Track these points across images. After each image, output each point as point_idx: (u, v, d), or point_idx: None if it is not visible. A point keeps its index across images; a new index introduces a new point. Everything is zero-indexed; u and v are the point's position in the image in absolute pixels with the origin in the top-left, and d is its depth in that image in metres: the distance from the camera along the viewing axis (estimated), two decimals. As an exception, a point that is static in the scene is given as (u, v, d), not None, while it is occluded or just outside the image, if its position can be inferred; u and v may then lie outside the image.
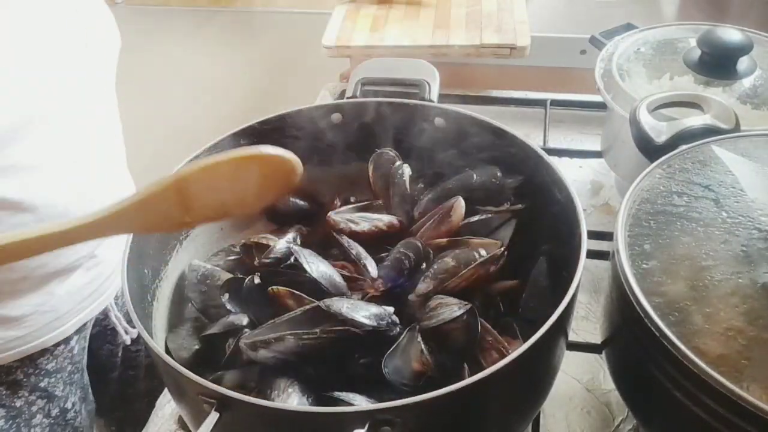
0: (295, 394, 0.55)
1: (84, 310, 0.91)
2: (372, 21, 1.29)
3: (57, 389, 0.92)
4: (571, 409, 0.74)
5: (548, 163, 0.67)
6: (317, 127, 0.79)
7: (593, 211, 0.99)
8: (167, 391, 0.73)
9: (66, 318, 0.88)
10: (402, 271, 0.65)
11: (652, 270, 0.54)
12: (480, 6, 1.30)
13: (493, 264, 0.64)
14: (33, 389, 0.89)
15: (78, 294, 0.89)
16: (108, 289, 0.94)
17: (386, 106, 0.78)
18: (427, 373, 0.55)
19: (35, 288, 0.82)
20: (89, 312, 0.92)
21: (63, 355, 0.92)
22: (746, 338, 0.49)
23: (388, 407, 0.45)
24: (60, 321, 0.87)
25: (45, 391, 0.90)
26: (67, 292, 0.87)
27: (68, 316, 0.88)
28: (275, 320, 0.60)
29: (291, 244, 0.69)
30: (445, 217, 0.71)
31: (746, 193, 0.60)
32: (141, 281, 0.64)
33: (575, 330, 0.81)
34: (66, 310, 0.88)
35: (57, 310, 0.86)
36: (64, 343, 0.91)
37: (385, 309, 0.59)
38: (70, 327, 0.89)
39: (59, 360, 0.91)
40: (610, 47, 0.95)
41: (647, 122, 0.70)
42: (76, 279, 0.87)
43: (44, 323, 0.85)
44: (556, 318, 0.51)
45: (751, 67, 0.85)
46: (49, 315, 0.85)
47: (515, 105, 1.20)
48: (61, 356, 0.92)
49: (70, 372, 0.94)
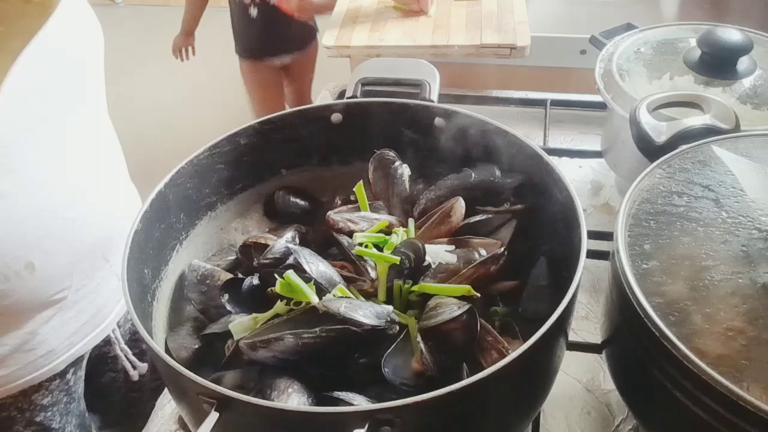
0: (295, 394, 0.54)
1: (76, 345, 0.87)
2: (372, 21, 1.29)
3: (53, 422, 0.90)
4: (571, 409, 0.74)
5: (548, 163, 0.67)
6: (317, 127, 0.79)
7: (593, 211, 0.99)
8: (167, 391, 0.73)
9: (56, 354, 0.85)
10: (402, 270, 0.65)
11: (652, 270, 0.54)
12: (480, 6, 1.30)
13: (494, 264, 0.64)
14: (28, 424, 0.87)
15: (65, 329, 0.85)
16: (104, 320, 0.91)
17: (386, 106, 0.78)
18: (426, 373, 0.55)
19: (13, 327, 0.79)
20: (82, 347, 0.89)
21: (58, 389, 0.89)
22: (746, 338, 0.49)
23: (388, 407, 0.45)
24: (48, 358, 0.84)
25: (41, 425, 0.88)
26: (53, 328, 0.83)
27: (58, 352, 0.85)
28: (275, 320, 0.60)
29: (290, 244, 0.69)
30: (445, 217, 0.71)
31: (746, 193, 0.60)
32: (141, 281, 0.64)
33: (575, 330, 0.81)
34: (54, 346, 0.84)
35: (44, 347, 0.83)
36: (59, 377, 0.88)
37: (384, 307, 0.59)
38: (61, 363, 0.86)
39: (54, 394, 0.89)
40: (610, 47, 0.95)
41: (647, 122, 0.70)
42: (63, 315, 0.83)
43: (30, 361, 0.82)
44: (556, 318, 0.51)
45: (751, 67, 0.85)
46: (35, 353, 0.82)
47: (515, 105, 1.20)
48: (57, 390, 0.89)
49: (66, 403, 0.91)
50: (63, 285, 0.82)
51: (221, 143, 0.74)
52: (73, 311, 0.85)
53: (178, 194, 0.71)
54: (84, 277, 0.85)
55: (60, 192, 0.78)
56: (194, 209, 0.75)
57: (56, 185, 0.78)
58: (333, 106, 0.79)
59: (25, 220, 0.74)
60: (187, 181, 0.72)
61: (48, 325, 0.82)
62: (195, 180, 0.73)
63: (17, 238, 0.74)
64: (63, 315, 0.84)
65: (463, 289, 0.61)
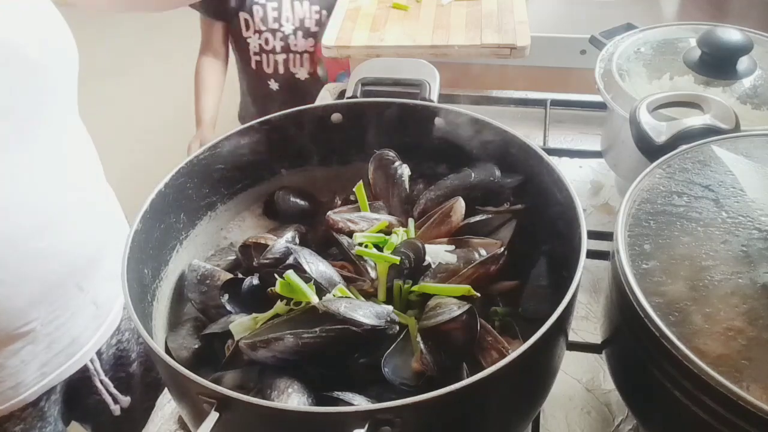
0: (295, 394, 0.54)
1: (48, 376, 0.83)
2: (372, 21, 1.29)
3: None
4: (571, 409, 0.74)
5: (548, 163, 0.67)
6: (317, 127, 0.79)
7: (593, 211, 0.99)
8: (167, 391, 0.73)
9: (26, 386, 0.82)
10: (402, 270, 0.65)
11: (652, 270, 0.54)
12: (480, 6, 1.30)
13: (494, 263, 0.64)
14: None
15: (36, 361, 0.81)
16: (80, 349, 0.87)
17: (386, 106, 0.78)
18: (426, 373, 0.55)
19: None
20: (55, 377, 0.85)
21: (32, 416, 0.86)
22: (746, 338, 0.49)
23: (388, 407, 0.45)
24: (18, 390, 0.81)
25: None
26: (22, 361, 0.79)
27: (29, 383, 0.82)
28: (275, 320, 0.60)
29: (290, 244, 0.69)
30: (445, 217, 0.71)
31: (746, 193, 0.60)
32: (141, 281, 0.64)
33: (575, 330, 0.81)
34: (23, 378, 0.80)
35: (13, 380, 0.79)
36: (32, 406, 0.85)
37: (384, 307, 0.59)
38: (32, 394, 0.83)
39: (28, 421, 0.85)
40: (610, 47, 0.95)
41: (647, 122, 0.70)
42: (33, 348, 0.79)
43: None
44: (556, 318, 0.51)
45: (751, 67, 0.85)
46: (4, 384, 0.79)
47: (515, 105, 1.20)
48: (30, 417, 0.85)
49: (40, 428, 0.88)
50: (30, 317, 0.77)
51: (221, 143, 0.74)
52: (44, 343, 0.81)
53: (178, 194, 0.71)
54: (55, 308, 0.80)
55: (26, 219, 0.73)
56: (194, 209, 0.75)
57: (21, 212, 0.73)
58: (333, 106, 0.79)
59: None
60: (187, 181, 0.72)
61: (16, 357, 0.78)
62: (195, 180, 0.73)
63: None
64: (33, 347, 0.80)
65: (463, 289, 0.61)
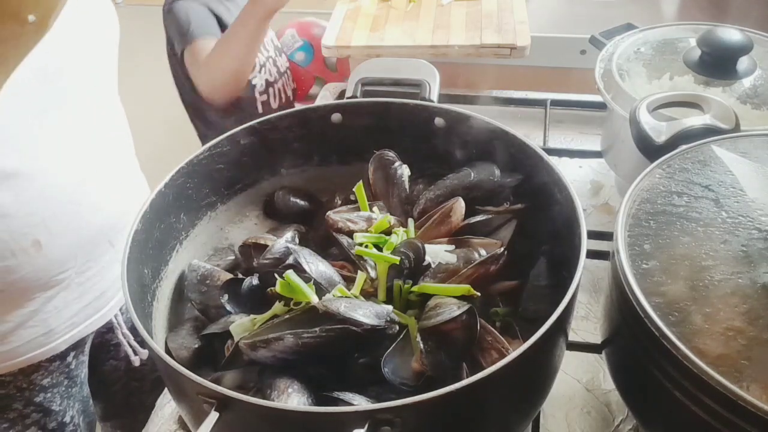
0: (295, 394, 0.54)
1: (77, 327, 0.88)
2: (372, 21, 1.29)
3: (54, 404, 0.90)
4: (571, 409, 0.74)
5: (548, 163, 0.67)
6: (317, 127, 0.79)
7: (593, 211, 0.99)
8: (167, 391, 0.73)
9: (56, 334, 0.86)
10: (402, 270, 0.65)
11: (652, 270, 0.54)
12: (480, 6, 1.30)
13: (493, 263, 0.64)
14: (27, 403, 0.88)
15: (67, 310, 0.86)
16: (107, 304, 0.92)
17: (386, 106, 0.78)
18: (426, 373, 0.55)
19: (16, 303, 0.80)
20: (84, 329, 0.89)
21: (59, 371, 0.90)
22: (746, 338, 0.49)
23: (388, 407, 0.45)
24: (49, 337, 0.85)
25: (40, 406, 0.89)
26: (55, 308, 0.84)
27: (59, 332, 0.86)
28: (275, 320, 0.60)
29: (290, 244, 0.69)
30: (445, 218, 0.71)
31: (746, 193, 0.60)
32: (141, 281, 0.64)
33: (575, 330, 0.81)
34: (55, 326, 0.85)
35: (45, 326, 0.84)
36: (59, 359, 0.89)
37: (384, 307, 0.59)
38: (61, 343, 0.87)
39: (54, 375, 0.89)
40: (610, 47, 0.95)
41: (647, 122, 0.70)
42: (66, 295, 0.85)
43: (30, 338, 0.83)
44: (556, 318, 0.51)
45: (751, 67, 0.85)
46: (36, 330, 0.83)
47: (515, 105, 1.20)
48: (57, 371, 0.90)
49: (68, 386, 0.92)
50: (67, 265, 0.83)
51: (221, 143, 0.74)
52: (76, 293, 0.86)
53: (178, 194, 0.71)
54: (88, 260, 0.86)
55: (68, 175, 0.80)
56: (194, 209, 0.75)
57: (64, 169, 0.80)
58: (333, 106, 0.79)
59: (33, 200, 0.77)
60: (187, 181, 0.72)
61: (50, 304, 0.83)
62: (195, 180, 0.73)
63: (25, 216, 0.76)
64: (66, 295, 0.85)
65: (462, 289, 0.61)
